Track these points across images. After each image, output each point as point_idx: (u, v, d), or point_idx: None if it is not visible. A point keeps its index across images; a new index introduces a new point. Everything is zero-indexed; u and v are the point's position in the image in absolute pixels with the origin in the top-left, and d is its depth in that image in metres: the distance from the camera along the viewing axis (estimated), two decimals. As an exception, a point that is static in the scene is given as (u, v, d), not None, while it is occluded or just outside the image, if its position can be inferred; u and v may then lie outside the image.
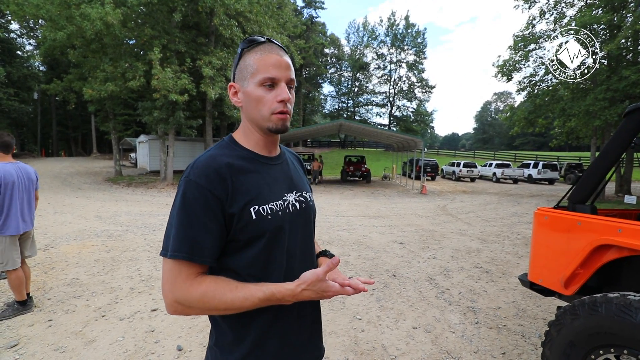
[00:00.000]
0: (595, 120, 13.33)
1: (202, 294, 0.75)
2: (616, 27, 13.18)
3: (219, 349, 0.87)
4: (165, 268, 0.77)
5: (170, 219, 0.79)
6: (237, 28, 15.42)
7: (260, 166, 0.88)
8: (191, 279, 0.76)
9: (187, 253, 0.75)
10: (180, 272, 0.76)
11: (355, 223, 8.13)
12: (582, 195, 2.21)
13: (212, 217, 0.76)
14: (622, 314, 1.54)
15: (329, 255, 1.15)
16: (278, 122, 0.84)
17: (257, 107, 0.84)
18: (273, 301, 0.78)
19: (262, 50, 0.83)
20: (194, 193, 0.76)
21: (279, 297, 0.78)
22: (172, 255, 0.75)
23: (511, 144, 67.89)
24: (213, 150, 0.85)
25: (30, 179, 3.27)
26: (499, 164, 23.93)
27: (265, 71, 0.81)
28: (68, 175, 18.78)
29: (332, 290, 0.80)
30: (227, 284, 0.78)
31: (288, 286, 0.78)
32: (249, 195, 0.81)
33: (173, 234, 0.77)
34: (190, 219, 0.76)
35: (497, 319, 3.31)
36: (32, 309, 3.25)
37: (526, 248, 6.05)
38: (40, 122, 35.55)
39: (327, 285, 0.79)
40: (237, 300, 0.76)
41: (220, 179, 0.78)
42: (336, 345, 2.78)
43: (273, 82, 0.82)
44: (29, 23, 28.66)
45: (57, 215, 8.24)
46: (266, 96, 0.82)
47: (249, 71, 0.83)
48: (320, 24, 47.54)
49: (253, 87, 0.83)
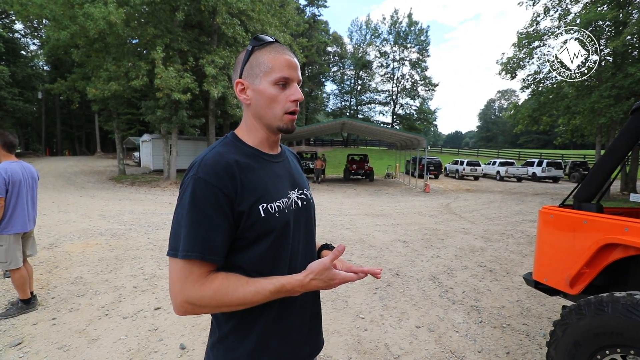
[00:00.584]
0: (600, 118, 13.21)
1: (214, 292, 0.75)
2: (622, 24, 13.03)
3: (222, 346, 0.87)
4: (174, 268, 0.76)
5: (179, 219, 0.77)
6: (239, 27, 15.41)
7: (265, 164, 0.88)
8: (203, 278, 0.76)
9: (200, 252, 0.74)
10: (192, 272, 0.75)
11: (358, 222, 8.12)
12: (588, 193, 2.18)
13: (222, 215, 0.76)
14: (629, 313, 1.52)
15: (330, 248, 1.15)
16: (289, 122, 0.86)
17: (270, 105, 0.84)
18: (283, 293, 0.79)
19: (275, 50, 0.84)
20: (204, 191, 0.75)
21: (289, 289, 0.79)
22: (185, 256, 0.74)
23: (515, 142, 67.53)
24: (218, 147, 0.84)
25: (33, 177, 3.29)
26: (503, 162, 23.79)
27: (280, 70, 0.82)
28: (72, 174, 18.90)
29: (339, 278, 0.81)
30: (238, 280, 0.78)
31: (297, 277, 0.80)
32: (257, 193, 0.81)
33: (184, 234, 0.75)
34: (201, 217, 0.75)
35: (501, 318, 3.28)
36: (36, 307, 3.27)
37: (530, 247, 6.01)
38: (44, 121, 35.81)
39: (334, 273, 0.80)
40: (249, 294, 0.76)
41: (230, 176, 0.77)
42: (339, 344, 2.78)
43: (287, 81, 0.83)
44: (32, 23, 28.78)
45: (61, 214, 8.29)
46: (280, 95, 0.83)
47: (262, 69, 0.83)
48: (322, 22, 47.40)
49: (267, 85, 0.83)
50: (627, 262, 1.94)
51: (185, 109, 15.24)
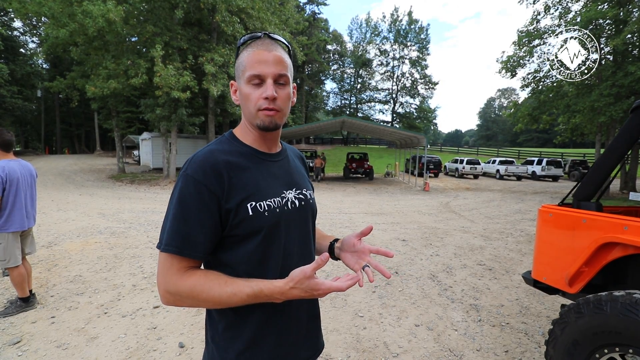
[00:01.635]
0: (600, 117, 13.21)
1: (191, 288, 0.76)
2: (622, 22, 13.00)
3: (215, 345, 0.87)
4: (159, 259, 0.79)
5: (167, 212, 0.80)
6: (239, 25, 15.36)
7: (259, 162, 0.88)
8: (182, 272, 0.77)
9: (177, 247, 0.76)
10: (172, 265, 0.77)
11: (357, 220, 8.12)
12: (587, 192, 2.17)
13: (207, 212, 0.77)
14: (627, 312, 1.52)
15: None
16: (265, 119, 0.83)
17: (246, 104, 0.84)
18: (262, 298, 0.76)
19: (253, 46, 0.83)
20: (190, 188, 0.77)
21: (267, 294, 0.76)
22: (165, 249, 0.77)
23: (515, 141, 67.52)
24: (212, 145, 0.85)
25: (32, 175, 3.28)
26: (503, 161, 23.78)
27: (251, 68, 0.81)
28: (72, 172, 18.88)
29: (323, 288, 0.75)
30: (217, 278, 0.78)
31: (277, 283, 0.76)
32: (246, 192, 0.81)
33: (167, 228, 0.78)
34: (185, 213, 0.76)
35: (500, 316, 3.29)
36: (34, 305, 3.27)
37: (530, 245, 6.01)
38: (43, 119, 35.77)
39: (316, 283, 0.75)
40: (225, 294, 0.75)
41: (217, 174, 0.78)
42: (338, 342, 2.78)
43: (260, 78, 0.81)
44: (31, 21, 28.72)
45: (60, 212, 8.28)
46: (253, 93, 0.82)
47: (240, 69, 0.85)
48: (322, 21, 47.31)
49: (244, 85, 0.83)
50: (626, 261, 1.94)
51: (184, 107, 15.22)
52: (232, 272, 0.82)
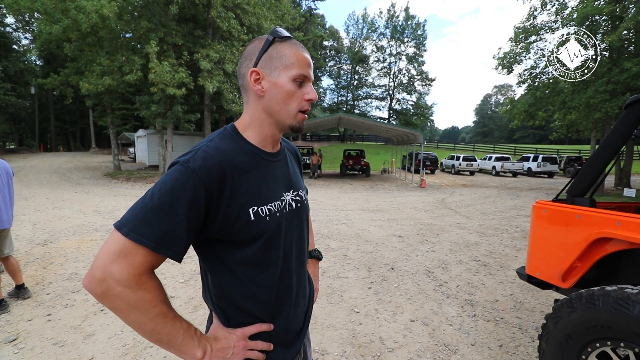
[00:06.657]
0: (595, 113, 13.26)
1: (142, 300, 0.68)
2: (618, 18, 13.03)
3: None
4: (115, 241, 0.66)
5: (150, 199, 0.69)
6: (234, 20, 15.25)
7: (262, 163, 0.85)
8: (142, 270, 0.68)
9: (155, 242, 0.67)
10: (135, 255, 0.66)
11: (354, 217, 8.13)
12: (581, 188, 2.19)
13: (196, 212, 0.71)
14: (619, 307, 1.54)
15: (315, 256, 1.22)
16: (301, 121, 0.85)
17: (286, 101, 0.82)
18: (173, 347, 0.74)
19: (297, 46, 0.83)
20: (188, 183, 0.69)
21: (179, 350, 0.74)
22: (137, 239, 0.66)
23: (511, 137, 67.80)
24: (217, 140, 0.80)
25: (8, 173, 3.12)
26: (499, 157, 23.86)
27: (301, 67, 0.81)
28: (67, 170, 18.74)
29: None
30: (166, 310, 0.72)
31: (197, 353, 0.75)
32: (248, 196, 0.79)
33: (147, 216, 0.67)
34: (175, 207, 0.68)
35: (494, 311, 3.32)
36: (8, 309, 3.09)
37: (524, 241, 6.06)
38: (38, 117, 35.40)
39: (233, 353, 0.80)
40: (157, 331, 0.71)
41: (221, 176, 0.74)
42: (334, 338, 2.79)
43: (304, 79, 0.82)
44: (24, 17, 28.27)
45: (56, 210, 8.23)
46: (297, 92, 0.82)
47: (283, 62, 0.81)
48: (319, 16, 47.12)
49: (286, 80, 0.81)
50: (618, 256, 1.96)
51: (180, 104, 15.10)
52: (230, 273, 0.81)
